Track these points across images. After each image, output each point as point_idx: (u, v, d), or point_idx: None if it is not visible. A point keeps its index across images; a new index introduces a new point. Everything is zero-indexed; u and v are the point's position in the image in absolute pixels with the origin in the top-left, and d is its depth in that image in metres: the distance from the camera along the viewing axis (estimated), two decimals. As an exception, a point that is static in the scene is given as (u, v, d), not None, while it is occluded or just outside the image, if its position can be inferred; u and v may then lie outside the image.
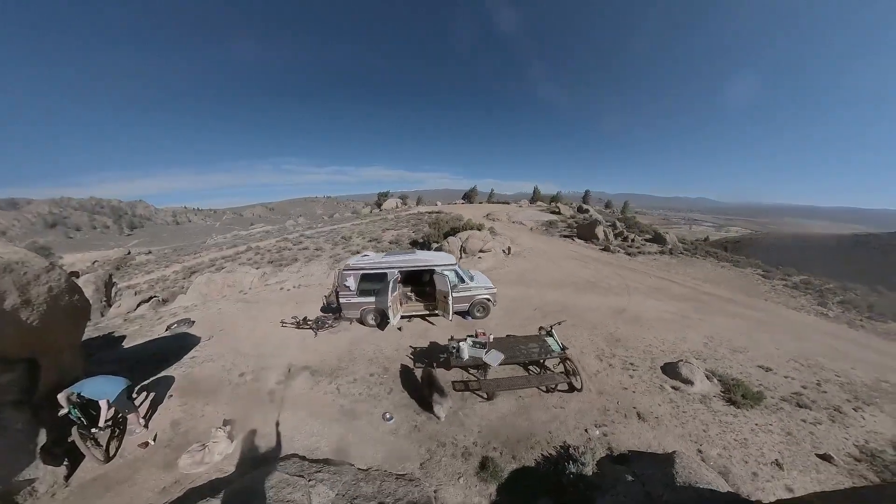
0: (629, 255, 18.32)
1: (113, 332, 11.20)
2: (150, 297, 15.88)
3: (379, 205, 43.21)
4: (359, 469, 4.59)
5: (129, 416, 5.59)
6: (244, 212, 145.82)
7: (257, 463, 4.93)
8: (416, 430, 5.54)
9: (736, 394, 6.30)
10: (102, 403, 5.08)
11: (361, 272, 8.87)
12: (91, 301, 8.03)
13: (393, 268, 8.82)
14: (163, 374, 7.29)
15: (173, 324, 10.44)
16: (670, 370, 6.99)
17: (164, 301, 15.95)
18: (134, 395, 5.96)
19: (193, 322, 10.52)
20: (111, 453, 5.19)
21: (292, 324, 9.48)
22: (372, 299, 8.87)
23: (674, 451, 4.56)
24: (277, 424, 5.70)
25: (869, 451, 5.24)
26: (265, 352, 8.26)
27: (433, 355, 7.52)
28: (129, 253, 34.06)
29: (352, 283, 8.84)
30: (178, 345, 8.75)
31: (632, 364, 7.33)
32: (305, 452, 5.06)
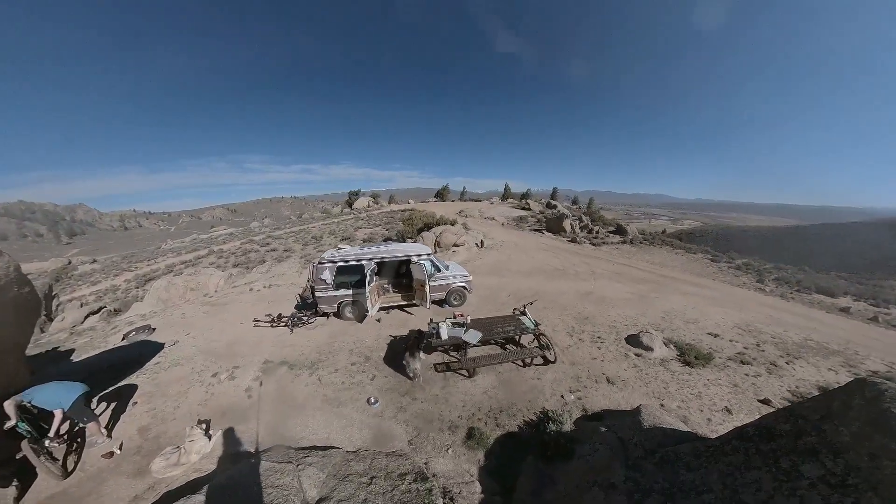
0: (594, 245, 19.45)
1: (58, 347, 10.26)
2: (100, 308, 14.66)
3: (350, 204, 42.18)
4: (347, 451, 4.59)
5: (88, 426, 5.08)
6: (203, 214, 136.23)
7: (239, 458, 4.73)
8: (401, 411, 5.65)
9: (690, 356, 7.01)
10: (57, 413, 4.62)
11: (337, 265, 8.78)
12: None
13: (369, 259, 8.82)
14: (124, 382, 6.77)
15: (131, 332, 9.73)
16: (633, 340, 7.63)
17: (117, 311, 14.78)
18: (93, 405, 5.52)
19: (154, 329, 9.86)
20: (69, 468, 4.70)
21: (266, 322, 9.18)
22: (349, 292, 8.82)
23: (640, 405, 5.03)
24: (258, 419, 5.53)
25: (799, 394, 6.10)
26: (239, 351, 7.92)
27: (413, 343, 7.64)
28: (70, 263, 30.96)
29: (328, 276, 8.73)
30: (138, 353, 8.16)
31: (599, 338, 7.90)
32: (291, 443, 4.96)
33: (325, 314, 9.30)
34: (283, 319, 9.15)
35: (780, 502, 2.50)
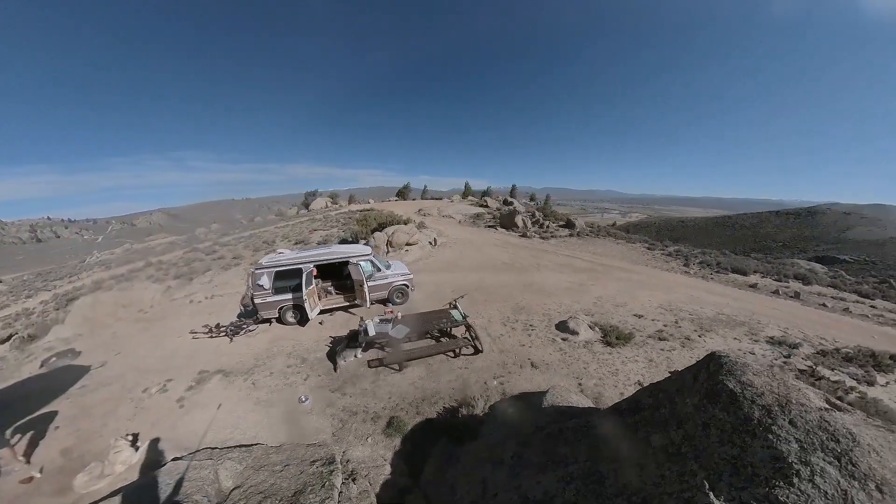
0: (543, 238, 20.34)
1: (-47, 384, 9.20)
2: (10, 336, 13.20)
3: (307, 205, 40.72)
4: (270, 446, 4.69)
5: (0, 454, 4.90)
6: (137, 220, 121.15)
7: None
8: (330, 406, 5.76)
9: (612, 337, 7.57)
10: None
11: (275, 269, 8.62)
12: None
13: (307, 262, 8.74)
14: (44, 410, 6.36)
15: (50, 358, 8.91)
16: (561, 326, 8.11)
17: (32, 337, 13.37)
18: (7, 435, 5.20)
19: (79, 352, 9.11)
20: None
21: (205, 333, 8.84)
22: (289, 296, 8.68)
23: (550, 387, 5.40)
24: (188, 426, 5.49)
25: (701, 363, 6.85)
26: (174, 364, 7.63)
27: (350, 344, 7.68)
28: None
29: (266, 281, 8.56)
30: (59, 379, 7.54)
31: (531, 326, 8.33)
32: (218, 444, 4.96)
33: (268, 320, 9.10)
34: (223, 329, 8.86)
35: (625, 470, 2.69)
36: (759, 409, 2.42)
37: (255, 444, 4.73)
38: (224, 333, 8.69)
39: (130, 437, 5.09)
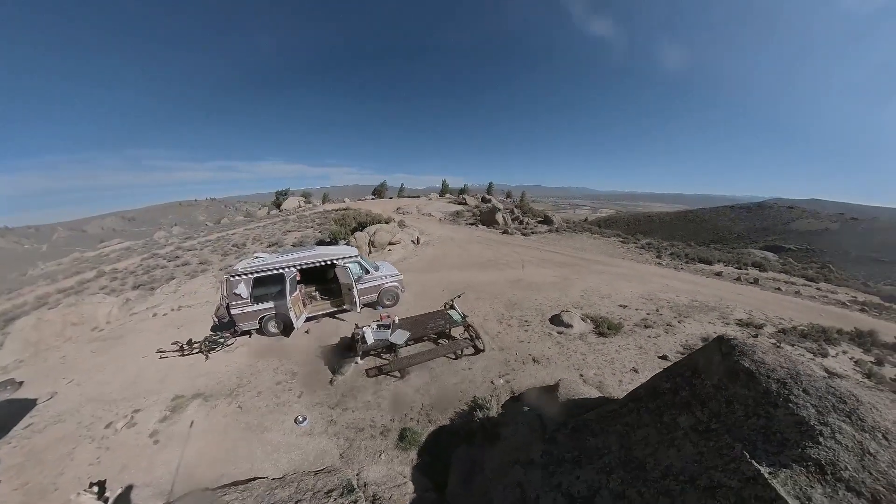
0: (524, 235, 20.72)
1: None
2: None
3: (278, 205, 38.59)
4: (272, 479, 4.25)
5: None
6: (88, 226, 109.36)
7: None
8: (332, 424, 5.36)
9: (603, 328, 7.82)
10: None
11: (253, 276, 7.97)
12: None
13: (290, 266, 8.17)
14: None
15: (-17, 392, 7.72)
16: (556, 320, 8.27)
17: (-37, 364, 11.68)
18: None
19: (21, 383, 7.92)
20: None
21: (175, 351, 7.99)
22: (270, 304, 8.08)
23: (559, 380, 5.44)
24: (166, 465, 4.79)
25: (689, 346, 7.20)
26: (141, 391, 6.70)
27: (344, 353, 7.30)
28: None
29: (243, 289, 7.88)
30: None
31: (526, 321, 8.40)
32: (208, 484, 4.39)
33: (247, 332, 8.44)
34: (195, 345, 8.06)
35: (662, 453, 2.79)
36: (775, 382, 2.64)
37: (254, 479, 4.26)
38: (198, 350, 7.90)
39: (96, 488, 4.13)
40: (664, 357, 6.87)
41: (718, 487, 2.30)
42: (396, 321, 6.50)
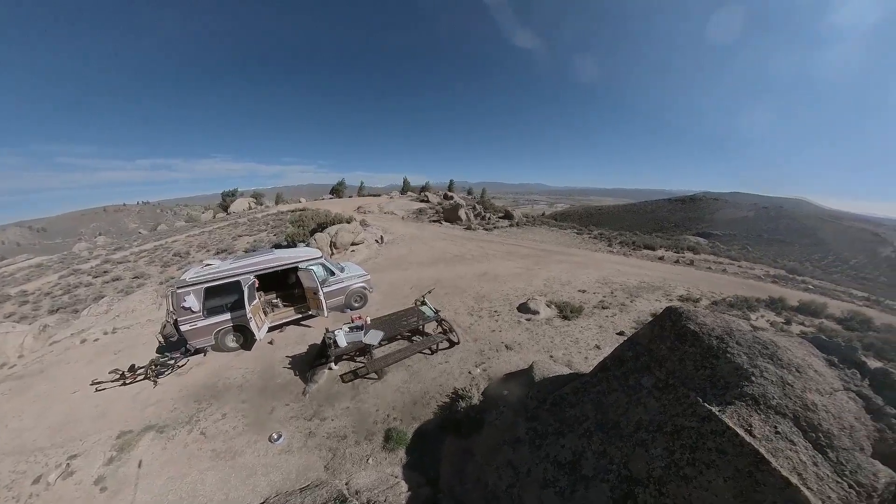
0: (487, 230, 21.33)
1: None
2: None
3: (225, 207, 35.33)
4: None
5: None
6: None
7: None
8: (311, 437, 5.10)
9: (566, 312, 8.34)
10: None
11: (205, 286, 7.24)
12: None
13: (246, 272, 7.58)
14: None
15: None
16: (523, 308, 8.67)
17: None
18: None
19: None
20: None
21: (114, 380, 7.01)
22: (227, 316, 7.44)
23: (533, 362, 5.69)
24: None
25: (641, 322, 7.92)
26: (76, 433, 5.72)
27: (314, 360, 6.99)
28: None
29: (193, 302, 7.14)
30: None
31: (496, 311, 8.71)
32: None
33: (201, 350, 7.69)
34: (140, 371, 7.13)
35: (632, 411, 3.15)
36: (715, 339, 3.12)
37: (231, 512, 3.96)
38: (144, 377, 6.98)
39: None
40: (621, 333, 7.50)
41: (682, 430, 2.72)
42: (368, 322, 6.37)
